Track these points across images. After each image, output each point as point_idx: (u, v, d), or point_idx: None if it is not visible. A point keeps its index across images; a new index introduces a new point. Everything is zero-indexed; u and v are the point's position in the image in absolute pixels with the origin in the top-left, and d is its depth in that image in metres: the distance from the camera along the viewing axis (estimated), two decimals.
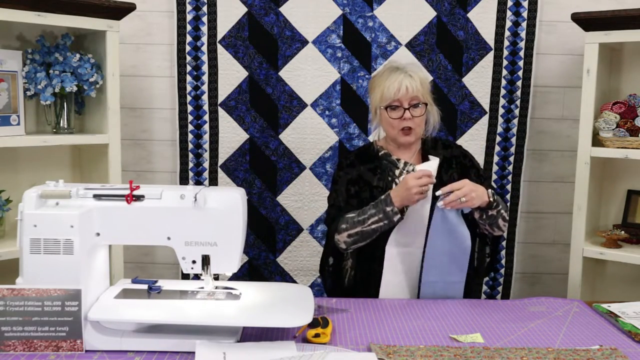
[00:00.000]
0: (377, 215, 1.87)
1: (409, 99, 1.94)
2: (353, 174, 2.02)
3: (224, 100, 2.67)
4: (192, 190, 1.50)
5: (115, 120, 2.31)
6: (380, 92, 1.96)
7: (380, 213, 1.87)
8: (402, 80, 1.93)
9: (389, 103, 1.95)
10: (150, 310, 1.49)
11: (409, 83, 1.93)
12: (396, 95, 1.93)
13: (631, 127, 2.32)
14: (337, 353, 1.42)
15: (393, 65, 2.02)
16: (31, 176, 2.30)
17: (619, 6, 2.54)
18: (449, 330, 1.60)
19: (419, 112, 1.96)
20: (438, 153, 2.04)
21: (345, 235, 1.92)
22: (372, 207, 1.89)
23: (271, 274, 2.76)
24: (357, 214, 1.91)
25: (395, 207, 1.85)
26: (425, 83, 2.00)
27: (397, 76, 1.95)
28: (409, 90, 1.93)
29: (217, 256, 1.53)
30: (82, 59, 2.25)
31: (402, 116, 1.94)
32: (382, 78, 1.98)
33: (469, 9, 2.66)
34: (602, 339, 1.56)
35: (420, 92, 1.96)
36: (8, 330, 1.41)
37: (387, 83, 1.95)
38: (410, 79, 1.94)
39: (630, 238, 2.41)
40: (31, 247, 1.43)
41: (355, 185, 2.00)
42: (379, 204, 1.88)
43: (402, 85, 1.92)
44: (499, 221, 1.92)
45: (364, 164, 2.03)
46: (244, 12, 2.63)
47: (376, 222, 1.87)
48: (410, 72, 1.97)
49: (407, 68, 1.99)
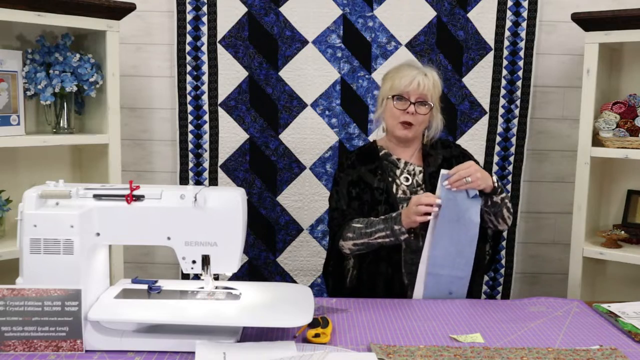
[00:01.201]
0: (385, 231, 1.87)
1: (417, 94, 1.96)
2: (354, 176, 2.02)
3: (224, 100, 2.67)
4: (192, 190, 1.50)
5: (115, 120, 2.31)
6: (391, 82, 1.99)
7: (388, 230, 1.86)
8: (415, 75, 1.96)
9: (397, 93, 1.97)
10: (150, 310, 1.49)
11: (421, 79, 1.96)
12: (406, 87, 1.95)
13: (631, 127, 2.32)
14: (337, 353, 1.42)
15: (411, 64, 2.05)
16: (31, 176, 2.30)
17: (619, 6, 2.54)
18: (449, 330, 1.60)
19: (423, 110, 1.98)
20: (437, 153, 2.04)
21: (350, 244, 1.93)
22: (381, 221, 1.88)
23: (271, 274, 2.76)
24: (365, 224, 1.91)
25: (403, 227, 1.84)
26: (437, 86, 2.02)
27: (412, 71, 1.98)
28: (420, 86, 1.95)
29: (217, 256, 1.53)
30: (82, 59, 2.25)
31: (406, 109, 1.96)
32: (397, 71, 2.02)
33: (469, 9, 2.66)
34: (602, 339, 1.55)
35: (430, 92, 1.98)
36: (8, 330, 1.40)
37: (401, 74, 1.98)
38: (424, 77, 1.97)
39: (630, 238, 2.41)
40: (31, 247, 1.43)
41: (356, 187, 2.00)
42: (389, 220, 1.87)
43: (414, 80, 1.95)
44: (504, 211, 1.92)
45: (364, 165, 2.03)
46: (244, 12, 2.63)
47: (383, 237, 1.88)
48: (426, 71, 2.00)
49: (424, 68, 2.02)
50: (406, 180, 2.01)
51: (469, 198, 1.83)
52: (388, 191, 1.97)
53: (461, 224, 1.83)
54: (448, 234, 1.84)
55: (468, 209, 1.83)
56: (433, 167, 2.01)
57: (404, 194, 1.99)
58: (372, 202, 1.97)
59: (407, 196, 1.98)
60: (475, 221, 1.84)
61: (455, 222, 1.83)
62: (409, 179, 2.01)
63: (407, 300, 1.86)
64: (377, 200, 1.97)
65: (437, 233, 1.84)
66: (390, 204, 1.96)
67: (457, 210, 1.83)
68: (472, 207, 1.84)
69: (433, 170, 2.00)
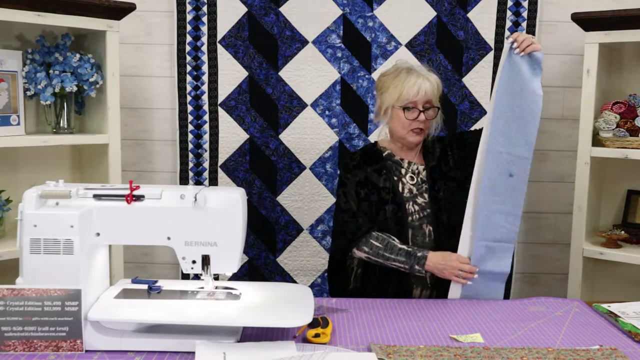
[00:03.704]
0: (404, 264, 1.91)
1: (424, 101, 1.99)
2: (361, 176, 2.03)
3: (224, 100, 2.67)
4: (192, 190, 1.51)
5: (115, 120, 2.31)
6: (399, 93, 1.98)
7: (407, 264, 1.91)
8: (421, 83, 1.97)
9: (406, 104, 1.98)
10: (150, 310, 1.49)
11: (428, 87, 1.98)
12: (414, 97, 1.97)
13: (631, 127, 2.32)
14: (337, 353, 1.42)
15: (406, 67, 2.04)
16: (31, 176, 2.30)
17: (619, 6, 2.54)
18: (449, 330, 1.60)
19: (431, 115, 2.01)
20: (435, 147, 2.08)
21: (363, 255, 1.96)
22: (404, 254, 1.91)
23: (271, 274, 2.76)
24: (384, 246, 1.92)
25: (424, 270, 1.90)
26: (439, 87, 2.04)
27: (416, 79, 1.98)
28: (427, 94, 1.98)
29: (217, 256, 1.53)
30: (82, 59, 2.25)
31: (416, 117, 1.98)
32: (399, 79, 2.00)
33: (469, 9, 2.66)
34: (602, 339, 1.55)
35: (435, 96, 2.01)
36: (8, 330, 1.41)
37: (407, 84, 1.97)
38: (428, 83, 1.99)
39: (630, 238, 2.41)
40: (31, 247, 1.43)
41: (364, 188, 2.01)
42: (412, 257, 1.90)
43: (421, 89, 1.97)
44: None
45: (369, 165, 2.04)
46: (244, 12, 2.63)
47: (399, 267, 1.92)
48: (427, 75, 2.01)
49: (422, 71, 2.02)
50: (411, 179, 2.03)
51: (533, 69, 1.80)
52: (395, 191, 1.99)
53: (524, 95, 1.80)
54: (510, 107, 1.80)
55: (532, 80, 1.79)
56: (433, 162, 2.05)
57: (410, 193, 2.00)
58: (379, 202, 1.98)
59: (412, 194, 2.00)
60: (539, 94, 1.80)
61: (518, 93, 1.79)
62: (413, 177, 2.03)
63: (407, 300, 1.86)
64: (384, 200, 1.98)
65: (497, 105, 1.79)
66: (397, 203, 1.97)
67: (520, 81, 1.79)
68: (535, 79, 1.80)
69: (434, 165, 2.04)
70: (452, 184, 2.01)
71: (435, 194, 1.99)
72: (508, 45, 1.83)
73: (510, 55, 1.82)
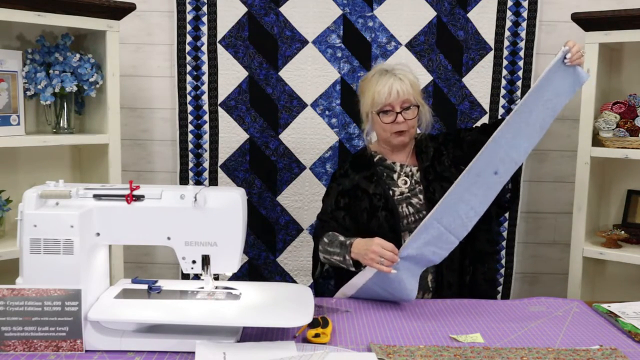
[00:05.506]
0: (339, 256, 1.86)
1: (400, 102, 1.94)
2: (345, 185, 2.01)
3: (224, 100, 2.67)
4: (192, 190, 1.51)
5: (115, 120, 2.31)
6: (371, 97, 1.95)
7: (341, 256, 1.85)
8: (392, 84, 1.93)
9: (381, 108, 1.95)
10: (150, 310, 1.49)
11: (399, 87, 1.93)
12: (387, 99, 1.93)
13: (631, 127, 2.31)
14: (337, 353, 1.42)
15: (382, 68, 2.01)
16: (31, 176, 2.30)
17: (619, 6, 2.54)
18: (449, 330, 1.60)
19: (411, 115, 1.97)
20: (428, 147, 2.05)
21: (322, 257, 1.94)
22: (339, 245, 1.86)
23: (271, 274, 2.76)
24: (329, 242, 1.90)
25: (352, 260, 1.81)
26: (415, 85, 2.00)
27: (387, 80, 1.94)
28: (400, 94, 1.93)
29: (217, 256, 1.53)
30: (82, 59, 2.25)
31: (394, 120, 1.95)
32: (372, 82, 1.97)
33: (469, 9, 2.66)
34: (602, 339, 1.56)
35: (412, 95, 1.96)
36: (8, 330, 1.41)
37: (378, 87, 1.94)
38: (400, 82, 1.94)
39: (630, 238, 2.41)
40: (31, 247, 1.43)
41: (345, 197, 2.00)
42: (343, 246, 1.84)
43: (392, 89, 1.92)
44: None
45: (359, 173, 2.03)
46: (244, 12, 2.63)
47: (339, 261, 1.87)
48: (399, 74, 1.96)
49: (395, 70, 1.98)
50: (404, 183, 2.01)
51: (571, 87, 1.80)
52: (386, 196, 1.97)
53: (547, 107, 1.77)
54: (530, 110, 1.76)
55: (561, 96, 1.78)
56: (427, 162, 2.02)
57: (401, 195, 1.99)
58: (371, 209, 1.96)
59: (403, 196, 1.98)
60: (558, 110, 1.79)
61: (545, 101, 1.76)
62: (407, 181, 2.01)
63: (407, 300, 1.86)
64: (375, 207, 1.96)
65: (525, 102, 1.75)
66: (389, 209, 1.95)
67: (553, 91, 1.77)
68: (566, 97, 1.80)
69: (427, 165, 2.01)
70: (447, 184, 1.92)
71: (430, 195, 1.96)
72: (562, 54, 1.78)
73: (561, 61, 1.79)
